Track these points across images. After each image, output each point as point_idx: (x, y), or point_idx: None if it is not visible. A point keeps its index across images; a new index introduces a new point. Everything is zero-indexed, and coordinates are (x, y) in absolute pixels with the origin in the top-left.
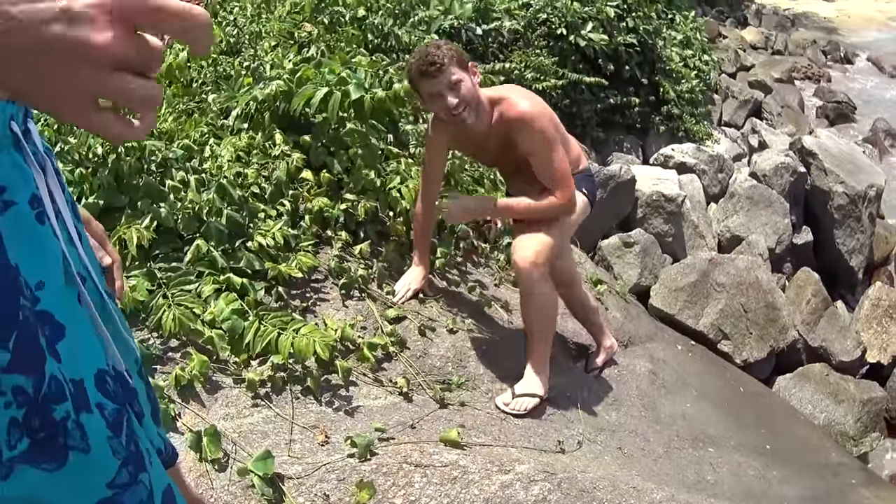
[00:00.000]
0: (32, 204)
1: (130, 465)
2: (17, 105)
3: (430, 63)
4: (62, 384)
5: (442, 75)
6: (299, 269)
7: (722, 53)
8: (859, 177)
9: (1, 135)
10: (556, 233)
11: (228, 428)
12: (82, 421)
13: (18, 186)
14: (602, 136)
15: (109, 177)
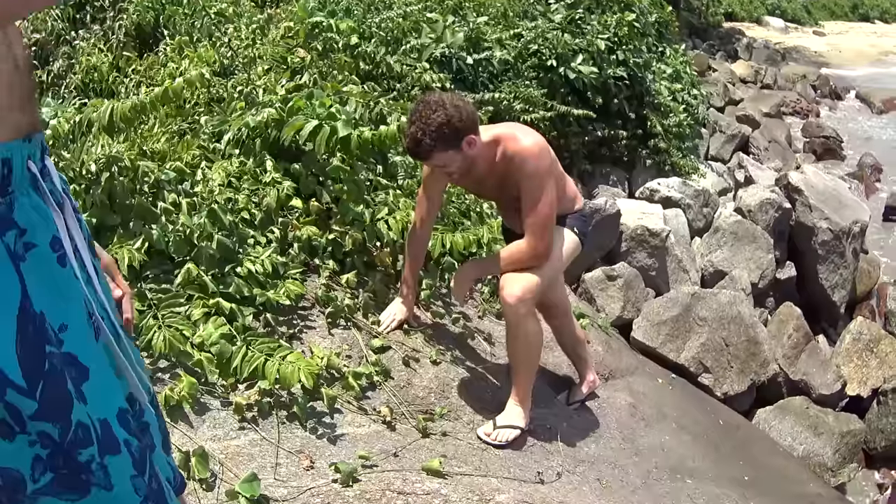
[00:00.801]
0: (53, 246)
1: (151, 502)
2: (34, 143)
3: (415, 154)
4: (89, 429)
5: (427, 161)
6: (287, 297)
7: (711, 87)
8: (844, 213)
9: (20, 176)
10: (544, 270)
11: (216, 449)
12: (106, 463)
13: (39, 229)
14: (589, 168)
15: (102, 195)
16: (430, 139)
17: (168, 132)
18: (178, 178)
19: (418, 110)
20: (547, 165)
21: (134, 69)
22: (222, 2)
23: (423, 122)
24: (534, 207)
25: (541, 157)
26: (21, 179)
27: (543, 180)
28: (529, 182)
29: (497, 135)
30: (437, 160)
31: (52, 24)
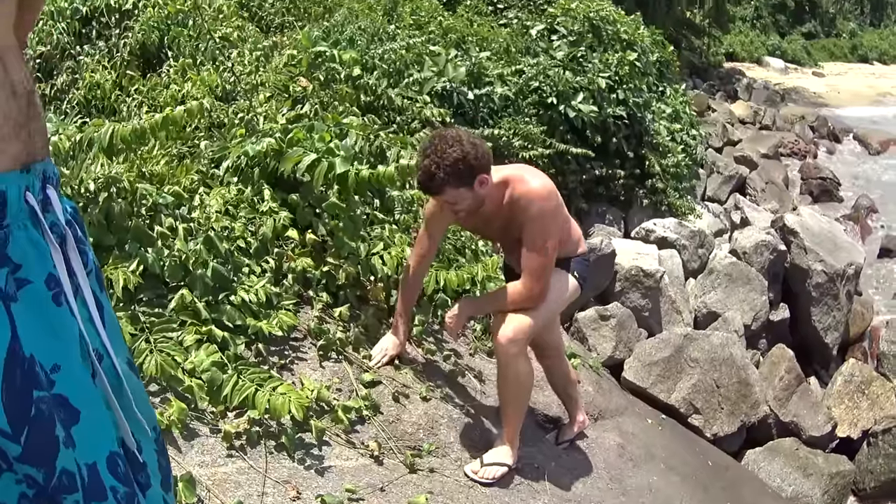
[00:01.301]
0: (49, 284)
1: None
2: (33, 174)
3: (427, 188)
4: (74, 476)
5: (438, 196)
6: (280, 328)
7: (710, 128)
8: (839, 255)
9: (16, 209)
10: (539, 312)
11: (203, 475)
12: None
13: (35, 265)
14: (585, 207)
15: (100, 215)
16: (444, 173)
17: (168, 155)
18: (176, 203)
19: (434, 144)
20: (552, 209)
21: (136, 89)
22: (227, 26)
23: (438, 155)
24: (534, 250)
25: (547, 200)
26: (18, 212)
27: (547, 224)
28: (533, 224)
29: (506, 176)
30: (448, 196)
31: (57, 37)
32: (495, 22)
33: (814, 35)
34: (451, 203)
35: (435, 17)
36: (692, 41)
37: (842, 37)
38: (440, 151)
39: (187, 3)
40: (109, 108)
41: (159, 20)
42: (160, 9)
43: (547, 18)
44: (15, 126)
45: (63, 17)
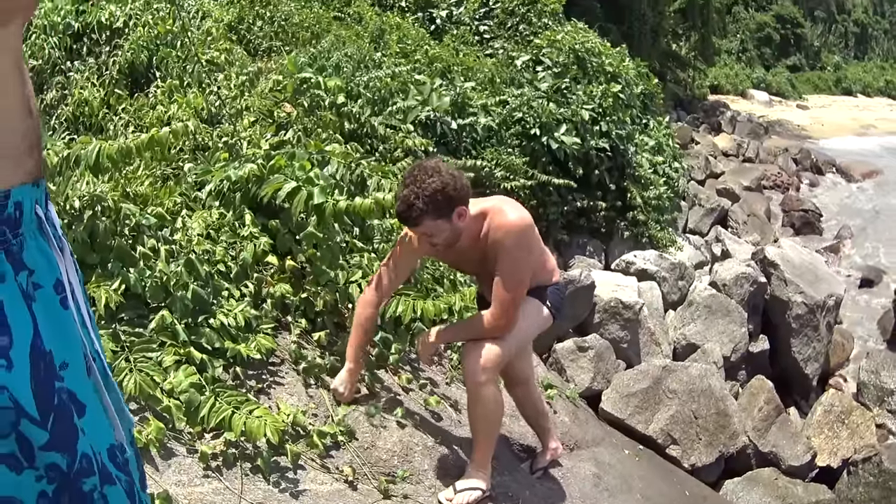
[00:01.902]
0: (57, 289)
1: None
2: (40, 188)
3: (405, 219)
4: (91, 459)
5: (419, 227)
6: (258, 351)
7: (693, 160)
8: (819, 286)
9: (29, 219)
10: (509, 342)
11: (179, 494)
12: (106, 492)
13: (45, 271)
14: (566, 238)
15: (84, 233)
16: (423, 203)
17: (152, 176)
18: (159, 224)
19: (413, 174)
20: (528, 243)
21: (124, 108)
22: (215, 49)
23: (417, 185)
24: (505, 282)
25: (522, 234)
26: (29, 223)
27: (521, 256)
28: (507, 256)
29: (484, 208)
30: (425, 227)
31: (49, 51)
32: (481, 52)
33: (798, 68)
34: (429, 235)
35: (421, 45)
36: (677, 74)
37: (826, 70)
38: (420, 182)
39: (176, 25)
40: (97, 126)
41: (148, 40)
42: (150, 29)
43: (532, 49)
44: (31, 144)
45: (55, 32)
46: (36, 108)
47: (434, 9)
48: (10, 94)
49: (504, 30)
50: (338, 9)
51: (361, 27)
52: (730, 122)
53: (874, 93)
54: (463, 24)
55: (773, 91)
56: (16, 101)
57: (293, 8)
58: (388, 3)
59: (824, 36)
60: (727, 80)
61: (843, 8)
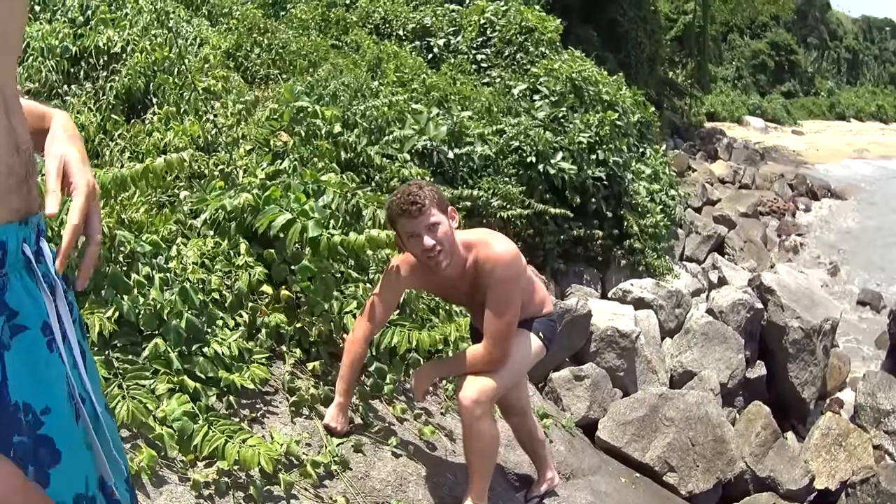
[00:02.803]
0: (44, 331)
1: None
2: (30, 226)
3: (411, 202)
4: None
5: (422, 216)
6: (252, 381)
7: (689, 188)
8: (816, 311)
9: (14, 259)
10: (504, 374)
11: None
12: None
13: (30, 312)
14: (563, 267)
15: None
16: (426, 192)
17: (147, 203)
18: (154, 252)
19: (407, 185)
20: (516, 274)
21: (120, 134)
22: (212, 77)
23: (416, 185)
24: (496, 315)
25: (511, 266)
26: (15, 262)
27: (510, 288)
28: (497, 288)
29: (470, 240)
30: (433, 216)
31: (46, 74)
32: (478, 81)
33: (793, 94)
34: (431, 228)
35: (419, 74)
36: (674, 101)
37: (820, 95)
38: (415, 185)
39: (173, 52)
40: (93, 151)
41: (146, 66)
42: (147, 55)
43: (530, 78)
44: (17, 180)
45: (53, 55)
46: (27, 142)
47: (432, 37)
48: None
49: (501, 58)
50: (335, 37)
51: (359, 56)
52: (726, 149)
53: (866, 117)
54: (460, 52)
55: (768, 117)
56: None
57: (291, 36)
58: (386, 31)
59: (817, 62)
60: (723, 107)
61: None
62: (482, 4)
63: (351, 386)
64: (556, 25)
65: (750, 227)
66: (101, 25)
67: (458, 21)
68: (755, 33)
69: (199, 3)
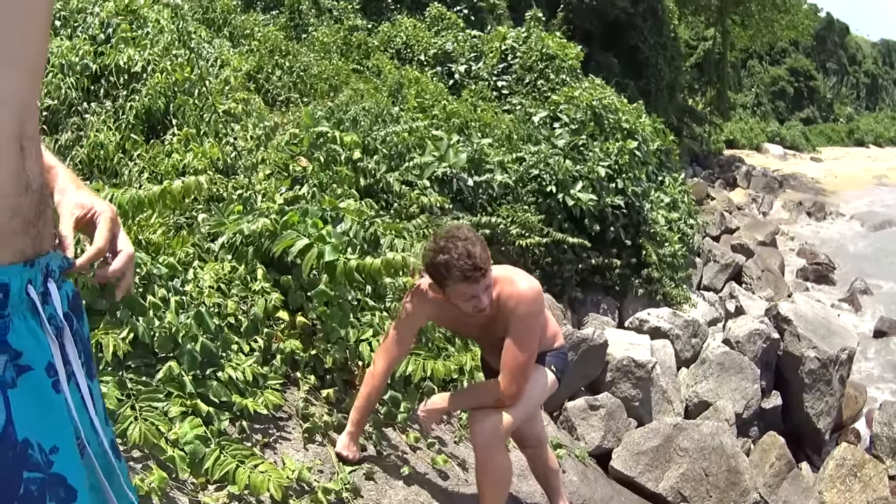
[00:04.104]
0: (49, 372)
1: None
2: (37, 268)
3: (475, 268)
4: None
5: (484, 279)
6: (265, 406)
7: (708, 216)
8: (832, 341)
9: (17, 300)
10: (518, 409)
11: None
12: None
13: (35, 353)
14: (580, 296)
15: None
16: (481, 251)
17: (165, 225)
18: (170, 275)
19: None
20: (539, 312)
21: (139, 154)
22: (232, 100)
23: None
24: (516, 351)
25: (535, 303)
26: (18, 304)
27: (532, 325)
28: (518, 325)
29: (495, 276)
30: (488, 279)
31: (66, 91)
32: (499, 107)
33: (812, 120)
34: (489, 287)
35: (439, 100)
36: (693, 129)
37: (839, 121)
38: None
39: (194, 73)
40: (111, 170)
41: (166, 86)
42: (168, 75)
43: (550, 106)
44: (24, 222)
45: (73, 72)
46: (40, 184)
47: (453, 63)
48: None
49: (522, 85)
50: (357, 61)
51: (380, 80)
52: (745, 177)
53: (886, 143)
54: (481, 79)
55: (787, 144)
56: (6, 176)
57: (312, 59)
58: (408, 56)
59: (836, 88)
60: (742, 135)
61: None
62: (503, 31)
63: (365, 418)
64: (576, 52)
65: (767, 255)
66: (121, 44)
67: (480, 47)
68: (774, 59)
69: (221, 23)
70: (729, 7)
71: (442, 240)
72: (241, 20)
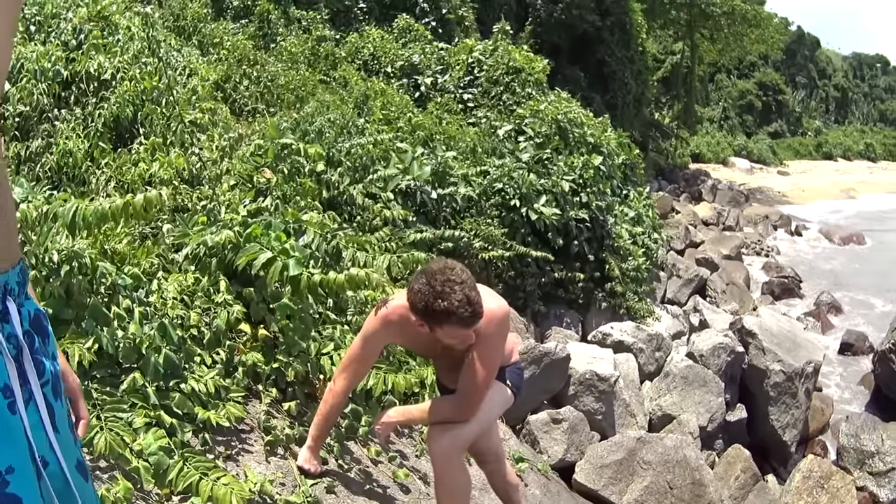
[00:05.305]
0: (5, 393)
1: None
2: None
3: (476, 315)
4: None
5: (475, 326)
6: (227, 419)
7: (673, 230)
8: (798, 353)
9: None
10: (473, 424)
11: None
12: None
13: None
14: (543, 309)
15: (60, 288)
16: (477, 295)
17: (130, 234)
18: (134, 286)
19: (450, 275)
20: (505, 333)
21: (107, 162)
22: (199, 110)
23: (465, 286)
24: (477, 370)
25: (503, 324)
26: None
27: (498, 346)
28: (485, 344)
29: None
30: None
31: (37, 97)
32: (464, 120)
33: (780, 134)
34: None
35: (405, 112)
36: (659, 143)
37: (807, 135)
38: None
39: (162, 82)
40: (79, 178)
41: (134, 95)
42: (136, 83)
43: (515, 119)
44: None
45: (45, 78)
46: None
47: (419, 75)
48: None
49: (488, 98)
50: (324, 72)
51: (346, 92)
52: (710, 191)
53: (854, 156)
54: (447, 91)
55: (754, 158)
56: None
57: (280, 69)
58: (375, 68)
59: (806, 101)
60: (709, 148)
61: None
62: (471, 43)
63: (324, 433)
64: (543, 66)
65: (733, 269)
66: (92, 50)
67: (446, 59)
68: (743, 73)
69: (191, 31)
70: (698, 21)
71: (438, 283)
72: (210, 28)
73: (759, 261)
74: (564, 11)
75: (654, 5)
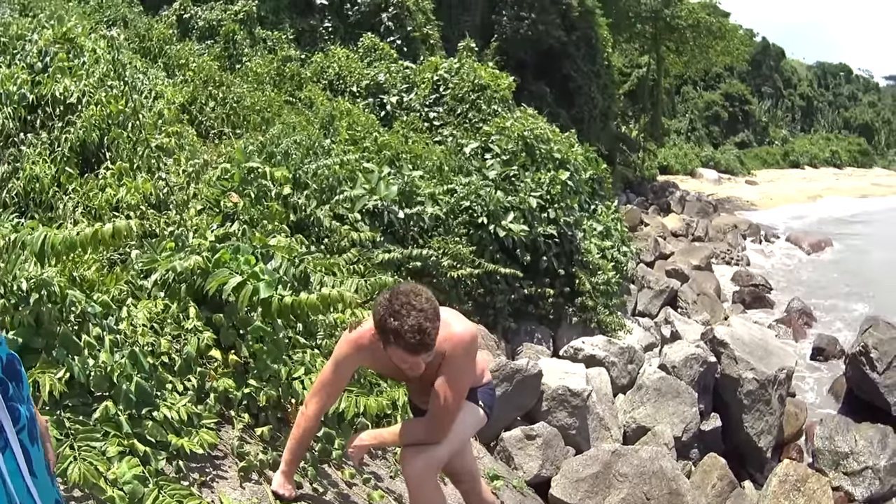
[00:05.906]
0: None
1: None
2: None
3: (423, 345)
4: None
5: (428, 354)
6: (200, 446)
7: (642, 242)
8: (770, 361)
9: None
10: (446, 445)
11: None
12: None
13: None
14: (514, 325)
15: (30, 317)
16: (435, 327)
17: (98, 260)
18: (104, 313)
19: (406, 300)
20: (473, 355)
21: (74, 188)
22: (165, 135)
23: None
24: (446, 394)
25: (469, 347)
26: None
27: (466, 367)
28: (452, 367)
29: None
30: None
31: (3, 121)
32: (430, 139)
33: (747, 144)
34: (430, 356)
35: (371, 132)
36: (627, 156)
37: (774, 144)
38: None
39: (128, 106)
40: (47, 204)
41: (100, 119)
42: (102, 107)
43: (481, 136)
44: None
45: (11, 102)
46: None
47: (385, 94)
48: None
49: (454, 116)
50: (289, 92)
51: (312, 112)
52: (679, 202)
53: (820, 163)
54: (413, 110)
55: (721, 168)
56: None
57: (245, 90)
58: (340, 88)
59: (772, 111)
60: (676, 160)
61: (789, 83)
62: (436, 61)
63: (298, 458)
64: (508, 83)
65: (703, 279)
66: (58, 73)
67: (412, 78)
68: (709, 84)
69: (157, 53)
70: (663, 34)
71: (398, 303)
72: (176, 49)
73: (729, 270)
74: (530, 27)
75: (619, 19)
